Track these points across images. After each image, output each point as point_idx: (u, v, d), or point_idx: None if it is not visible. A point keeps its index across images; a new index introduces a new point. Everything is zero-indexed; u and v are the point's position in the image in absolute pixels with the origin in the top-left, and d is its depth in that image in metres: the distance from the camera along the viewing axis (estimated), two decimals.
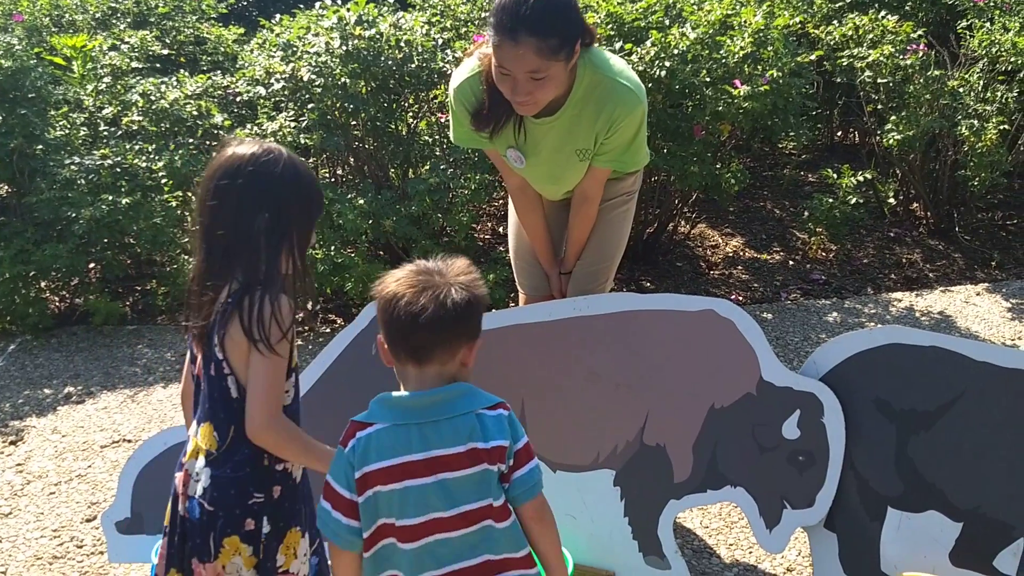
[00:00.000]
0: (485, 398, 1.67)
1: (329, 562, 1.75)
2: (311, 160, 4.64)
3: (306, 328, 4.27)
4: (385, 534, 1.61)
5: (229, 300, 1.68)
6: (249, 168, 1.69)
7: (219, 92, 4.75)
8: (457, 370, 1.67)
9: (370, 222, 3.91)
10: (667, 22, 4.18)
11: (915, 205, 4.95)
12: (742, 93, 3.89)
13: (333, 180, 4.66)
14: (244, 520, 1.70)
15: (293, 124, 4.10)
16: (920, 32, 4.59)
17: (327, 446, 1.76)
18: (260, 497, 1.72)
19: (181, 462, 1.78)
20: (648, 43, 3.94)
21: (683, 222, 4.84)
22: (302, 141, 4.07)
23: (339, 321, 4.21)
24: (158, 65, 5.68)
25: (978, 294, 4.20)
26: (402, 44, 4.11)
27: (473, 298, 1.64)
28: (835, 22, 4.81)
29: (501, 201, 4.89)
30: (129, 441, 3.28)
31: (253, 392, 1.68)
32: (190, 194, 4.53)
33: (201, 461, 1.73)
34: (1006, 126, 4.44)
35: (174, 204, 4.40)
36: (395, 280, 1.65)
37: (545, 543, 1.70)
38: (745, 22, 4.10)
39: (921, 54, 4.44)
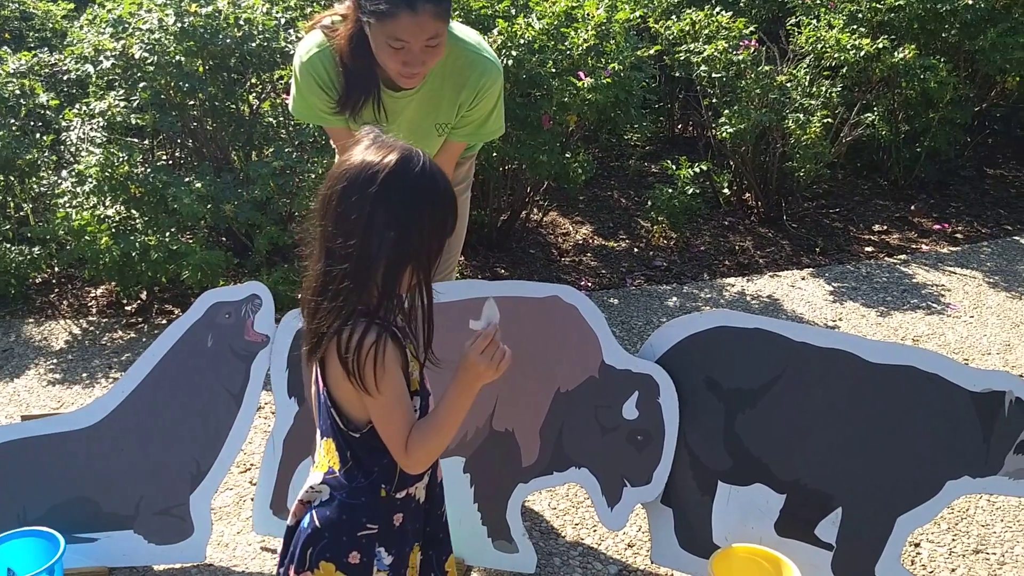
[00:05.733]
0: None
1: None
2: (145, 142, 4.43)
3: (144, 323, 4.07)
4: None
5: (328, 328, 1.53)
6: (381, 178, 1.48)
7: (46, 70, 4.46)
8: None
9: (209, 207, 3.76)
10: (513, 11, 4.22)
11: (747, 195, 5.21)
12: (586, 85, 3.99)
13: (171, 163, 4.46)
14: (349, 552, 1.60)
15: (124, 103, 3.90)
16: (752, 28, 4.81)
17: (445, 402, 1.61)
18: (374, 528, 1.61)
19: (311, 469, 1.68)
20: (495, 32, 3.97)
21: (535, 210, 4.91)
22: (134, 121, 3.87)
23: (176, 312, 4.04)
24: None
25: (803, 278, 4.47)
26: (241, 22, 3.97)
27: None
28: (674, 17, 4.99)
29: None
30: None
31: (383, 436, 1.57)
32: (12, 178, 4.23)
33: (320, 476, 1.63)
34: (829, 120, 4.74)
35: None
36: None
37: None
38: (588, 15, 4.19)
39: (753, 50, 4.66)
